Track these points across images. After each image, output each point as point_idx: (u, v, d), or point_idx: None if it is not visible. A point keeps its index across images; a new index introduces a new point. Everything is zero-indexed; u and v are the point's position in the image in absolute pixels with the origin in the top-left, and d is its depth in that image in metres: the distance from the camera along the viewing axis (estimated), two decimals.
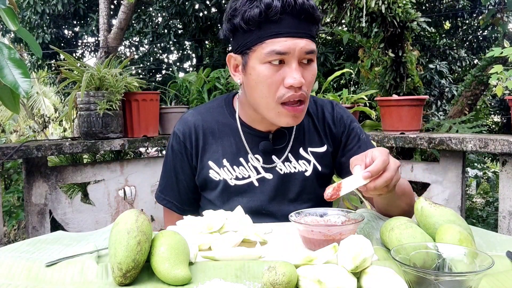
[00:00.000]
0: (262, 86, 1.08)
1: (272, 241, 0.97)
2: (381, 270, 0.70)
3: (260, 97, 1.10)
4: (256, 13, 1.03)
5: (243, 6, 1.06)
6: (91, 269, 0.79)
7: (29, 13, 5.97)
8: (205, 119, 1.25)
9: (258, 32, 1.06)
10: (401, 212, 1.17)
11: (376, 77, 3.04)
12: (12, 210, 3.05)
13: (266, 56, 1.05)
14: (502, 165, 1.95)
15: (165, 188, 1.30)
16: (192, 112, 1.29)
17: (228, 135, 1.23)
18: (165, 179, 1.30)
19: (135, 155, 4.23)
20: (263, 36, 1.05)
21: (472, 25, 6.21)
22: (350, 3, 2.63)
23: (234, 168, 1.21)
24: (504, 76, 1.84)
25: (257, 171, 1.21)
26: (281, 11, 1.03)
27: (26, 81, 1.15)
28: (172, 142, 1.27)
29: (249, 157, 1.21)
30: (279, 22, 1.04)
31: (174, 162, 1.27)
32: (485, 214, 5.02)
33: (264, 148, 1.21)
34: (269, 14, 1.03)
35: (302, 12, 1.04)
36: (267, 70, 1.07)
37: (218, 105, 1.28)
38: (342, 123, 1.27)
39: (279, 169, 1.21)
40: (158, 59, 6.88)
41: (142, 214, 0.81)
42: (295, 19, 1.05)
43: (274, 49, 1.04)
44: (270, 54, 1.05)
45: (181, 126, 1.26)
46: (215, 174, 1.21)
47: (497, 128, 5.82)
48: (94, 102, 2.13)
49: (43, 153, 2.05)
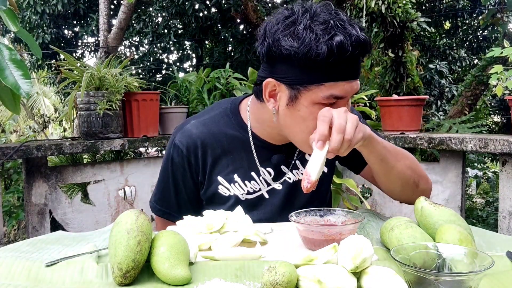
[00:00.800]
0: (308, 124, 1.00)
1: (272, 241, 0.97)
2: (381, 270, 0.70)
3: (301, 131, 1.04)
4: (325, 53, 0.92)
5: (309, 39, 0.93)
6: (91, 269, 0.79)
7: (29, 13, 5.97)
8: (212, 131, 1.16)
9: (319, 73, 0.95)
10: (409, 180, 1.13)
11: (376, 77, 3.04)
12: (12, 210, 3.05)
13: (323, 99, 0.97)
14: (502, 165, 1.95)
15: (161, 199, 1.24)
16: (196, 123, 1.19)
17: (238, 149, 1.16)
18: (162, 189, 1.24)
19: (135, 155, 4.23)
20: (324, 78, 0.96)
21: (472, 25, 6.21)
22: (350, 3, 2.64)
23: (245, 183, 1.17)
24: (504, 76, 1.84)
25: (267, 184, 1.18)
26: (346, 56, 0.93)
27: (26, 82, 1.15)
28: (172, 154, 1.19)
29: (261, 171, 1.17)
30: (343, 64, 0.95)
31: (174, 174, 1.20)
32: (485, 214, 5.02)
33: (277, 161, 1.17)
34: (336, 59, 0.92)
35: (359, 54, 0.96)
36: (319, 110, 0.96)
37: (224, 114, 1.19)
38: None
39: (288, 178, 1.18)
40: (158, 59, 6.89)
41: (142, 214, 0.81)
42: (355, 59, 0.97)
43: (332, 94, 0.97)
44: (328, 98, 0.97)
45: (184, 139, 1.17)
46: (224, 190, 1.17)
47: (497, 128, 5.82)
48: (94, 102, 2.13)
49: (43, 153, 2.05)
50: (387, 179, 1.14)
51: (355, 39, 0.93)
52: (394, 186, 1.16)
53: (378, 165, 1.10)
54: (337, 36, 0.92)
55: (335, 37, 0.92)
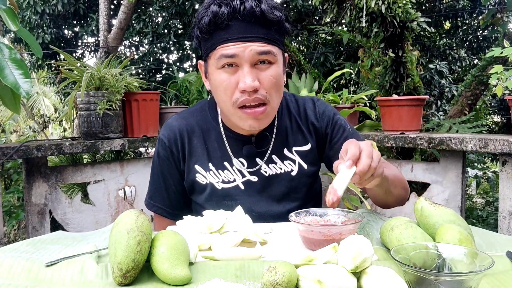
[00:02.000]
0: (220, 91, 1.11)
1: (272, 241, 0.97)
2: (381, 270, 0.70)
3: (221, 101, 1.14)
4: (206, 22, 1.07)
5: (197, 16, 1.11)
6: (91, 269, 0.79)
7: (29, 13, 5.97)
8: (189, 123, 1.26)
9: (211, 40, 1.09)
10: (399, 198, 1.22)
11: (376, 77, 3.04)
12: (12, 210, 3.05)
13: (218, 61, 1.08)
14: (502, 165, 1.95)
15: (154, 195, 1.30)
16: (176, 117, 1.30)
17: (212, 139, 1.24)
18: (153, 185, 1.31)
19: (135, 155, 4.22)
20: (215, 43, 1.08)
21: (472, 25, 6.21)
22: (350, 3, 2.63)
23: (219, 172, 1.22)
24: (504, 76, 1.84)
25: (242, 174, 1.22)
26: (229, 17, 1.05)
27: (26, 82, 1.15)
28: (158, 149, 1.28)
29: (233, 161, 1.22)
30: (228, 28, 1.06)
31: (162, 168, 1.27)
32: (485, 214, 5.02)
33: (248, 153, 1.22)
34: (217, 22, 1.06)
35: (252, 16, 1.05)
36: (221, 75, 1.09)
37: (201, 109, 1.29)
38: (325, 117, 1.28)
39: (264, 171, 1.23)
40: (158, 59, 6.88)
41: (142, 214, 0.81)
42: (245, 24, 1.06)
43: (222, 53, 1.07)
44: (220, 59, 1.08)
45: (165, 131, 1.27)
46: (202, 178, 1.23)
47: (497, 128, 5.81)
48: (94, 102, 2.13)
49: (43, 153, 2.05)
50: (382, 200, 1.21)
51: (235, 7, 1.05)
52: (385, 203, 1.23)
53: (379, 194, 1.16)
54: (213, 6, 1.06)
55: (211, 6, 1.06)
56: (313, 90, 2.80)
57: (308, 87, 2.83)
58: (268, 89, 1.10)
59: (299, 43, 6.22)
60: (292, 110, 1.28)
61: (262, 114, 1.11)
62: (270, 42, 1.09)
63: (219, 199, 1.22)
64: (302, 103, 1.30)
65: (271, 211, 1.22)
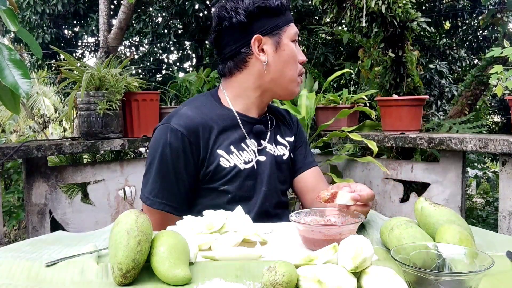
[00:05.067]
0: (293, 60, 1.30)
1: (272, 241, 0.97)
2: (381, 270, 0.70)
3: (290, 70, 1.30)
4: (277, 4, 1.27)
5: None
6: (91, 269, 0.79)
7: (29, 13, 5.96)
8: (205, 112, 1.29)
9: (280, 18, 1.29)
10: None
11: (376, 77, 3.04)
12: (12, 210, 3.05)
13: (294, 35, 1.30)
14: (502, 165, 1.95)
15: (161, 191, 1.22)
16: (188, 107, 1.30)
17: (229, 124, 1.30)
18: (159, 181, 1.22)
19: (135, 155, 4.22)
20: (288, 20, 1.30)
21: (472, 25, 6.20)
22: (350, 3, 2.63)
23: (240, 153, 1.29)
24: (504, 76, 1.84)
25: (255, 154, 1.32)
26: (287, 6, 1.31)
27: (26, 82, 1.15)
28: (170, 140, 1.21)
29: (247, 142, 1.31)
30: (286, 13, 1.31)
31: (173, 160, 1.21)
32: (485, 214, 5.02)
33: (259, 130, 1.33)
34: (282, 8, 1.28)
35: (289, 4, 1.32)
36: (295, 47, 1.31)
37: (207, 100, 1.36)
38: (298, 127, 1.49)
39: (270, 149, 1.35)
40: (158, 59, 6.88)
41: (142, 214, 0.81)
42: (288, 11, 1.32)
43: (296, 31, 1.31)
44: (295, 34, 1.31)
45: (182, 121, 1.23)
46: (225, 161, 1.26)
47: (497, 128, 5.81)
48: (94, 102, 2.13)
49: (43, 153, 2.05)
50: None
51: None
52: None
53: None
54: None
55: None
56: (313, 90, 2.80)
57: (308, 87, 2.83)
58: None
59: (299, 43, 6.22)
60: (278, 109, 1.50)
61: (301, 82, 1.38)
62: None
63: (242, 179, 1.27)
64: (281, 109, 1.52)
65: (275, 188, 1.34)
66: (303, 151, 1.46)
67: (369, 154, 2.83)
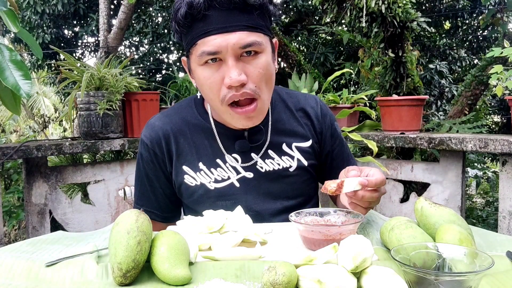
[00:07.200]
0: (205, 89, 1.04)
1: (272, 241, 0.97)
2: (381, 270, 0.70)
3: (208, 99, 1.07)
4: (183, 14, 0.98)
5: (174, 8, 1.02)
6: (91, 269, 0.79)
7: (29, 13, 5.97)
8: (173, 121, 1.17)
9: (190, 33, 1.01)
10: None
11: (376, 77, 3.04)
12: (12, 210, 3.05)
13: (200, 58, 1.00)
14: (502, 165, 1.95)
15: (141, 198, 1.23)
16: (159, 116, 1.21)
17: (200, 136, 1.16)
18: (139, 189, 1.24)
19: (135, 155, 4.22)
20: (194, 36, 1.00)
21: (472, 25, 6.20)
22: (350, 3, 2.63)
23: (211, 171, 1.14)
24: (504, 76, 1.84)
25: (236, 171, 1.15)
26: (206, 6, 0.96)
27: (27, 83, 1.15)
28: (140, 150, 1.20)
29: (226, 158, 1.14)
30: (206, 19, 0.97)
31: (146, 170, 1.20)
32: (485, 214, 5.02)
33: (240, 147, 1.14)
34: (194, 13, 0.97)
35: (230, 2, 0.96)
36: (205, 71, 1.01)
37: (187, 105, 1.21)
38: (327, 121, 1.24)
39: (260, 166, 1.15)
40: (158, 59, 6.88)
41: (142, 214, 0.81)
42: (223, 12, 0.97)
43: (204, 50, 0.98)
44: (201, 56, 0.99)
45: (147, 132, 1.18)
46: (190, 179, 1.15)
47: (497, 128, 5.82)
48: (94, 102, 2.13)
49: (43, 153, 2.05)
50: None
51: None
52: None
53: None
54: None
55: None
56: (313, 90, 2.80)
57: (308, 87, 2.83)
58: (257, 82, 1.01)
59: (299, 43, 6.22)
60: (290, 105, 1.22)
61: (254, 112, 1.04)
62: (253, 29, 0.99)
63: (212, 200, 1.14)
64: (304, 99, 1.24)
65: (269, 209, 1.16)
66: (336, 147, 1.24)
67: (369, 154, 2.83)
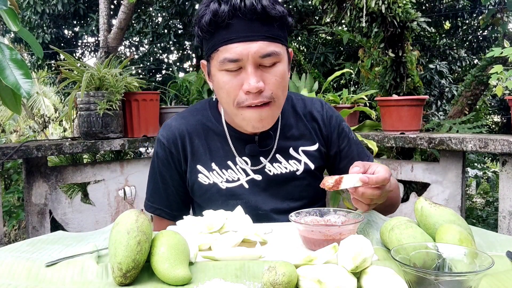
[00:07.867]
0: (222, 93, 1.09)
1: (272, 241, 0.97)
2: (381, 270, 0.70)
3: (224, 103, 1.12)
4: (207, 21, 1.03)
5: (197, 14, 1.08)
6: (91, 269, 0.79)
7: (29, 13, 5.97)
8: (189, 122, 1.24)
9: (212, 39, 1.06)
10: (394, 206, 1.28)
11: (376, 77, 3.04)
12: (12, 210, 3.05)
13: (221, 65, 1.05)
14: (502, 165, 1.95)
15: (152, 196, 1.29)
16: (176, 117, 1.28)
17: (214, 139, 1.22)
18: (152, 187, 1.29)
19: (135, 155, 4.22)
20: (216, 43, 1.05)
21: (472, 25, 6.20)
22: (350, 3, 2.63)
23: (223, 171, 1.20)
24: (504, 76, 1.84)
25: (246, 173, 1.21)
26: (230, 15, 1.02)
27: (27, 82, 1.15)
28: (157, 149, 1.26)
29: (237, 160, 1.21)
30: (229, 27, 1.03)
31: (160, 169, 1.26)
32: (485, 214, 5.02)
33: (250, 151, 1.20)
34: (218, 21, 1.02)
35: (253, 13, 1.02)
36: (224, 77, 1.07)
37: (202, 108, 1.27)
38: (332, 123, 1.27)
39: (268, 170, 1.21)
40: (158, 59, 6.88)
41: (142, 214, 0.81)
42: (246, 22, 1.02)
43: (225, 57, 1.04)
44: (223, 62, 1.05)
45: (165, 132, 1.25)
46: (204, 178, 1.21)
47: (497, 128, 5.82)
48: (94, 102, 2.13)
49: (43, 153, 2.05)
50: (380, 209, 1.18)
51: (236, 4, 1.01)
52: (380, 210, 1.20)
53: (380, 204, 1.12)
54: (213, 4, 1.03)
55: (211, 4, 1.03)
56: (313, 90, 2.80)
57: (308, 87, 2.83)
58: (273, 89, 1.07)
59: (299, 43, 6.22)
60: (298, 109, 1.27)
61: (266, 111, 1.09)
62: (273, 40, 1.05)
63: (224, 198, 1.20)
64: (310, 103, 1.29)
65: (276, 209, 1.21)
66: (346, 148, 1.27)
67: None
